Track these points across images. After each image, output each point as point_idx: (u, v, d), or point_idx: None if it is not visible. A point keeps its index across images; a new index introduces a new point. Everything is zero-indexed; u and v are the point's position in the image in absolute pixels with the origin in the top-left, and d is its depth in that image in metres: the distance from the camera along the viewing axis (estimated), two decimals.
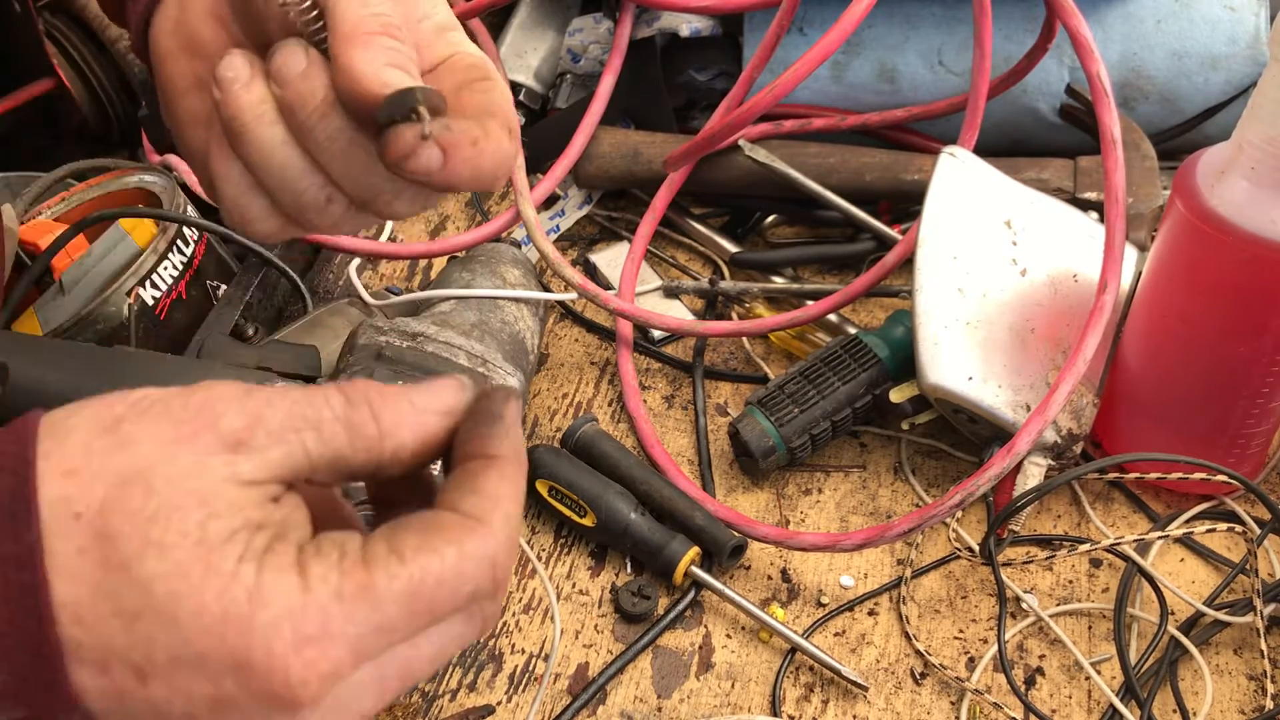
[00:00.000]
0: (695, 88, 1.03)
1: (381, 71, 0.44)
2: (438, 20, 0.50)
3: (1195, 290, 0.73)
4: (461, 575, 0.37)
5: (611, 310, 0.87)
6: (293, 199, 0.47)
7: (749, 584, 0.77)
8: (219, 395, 0.37)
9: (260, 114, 0.46)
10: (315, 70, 0.46)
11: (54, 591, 0.34)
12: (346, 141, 0.46)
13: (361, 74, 0.44)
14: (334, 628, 0.35)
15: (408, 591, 0.36)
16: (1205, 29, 0.96)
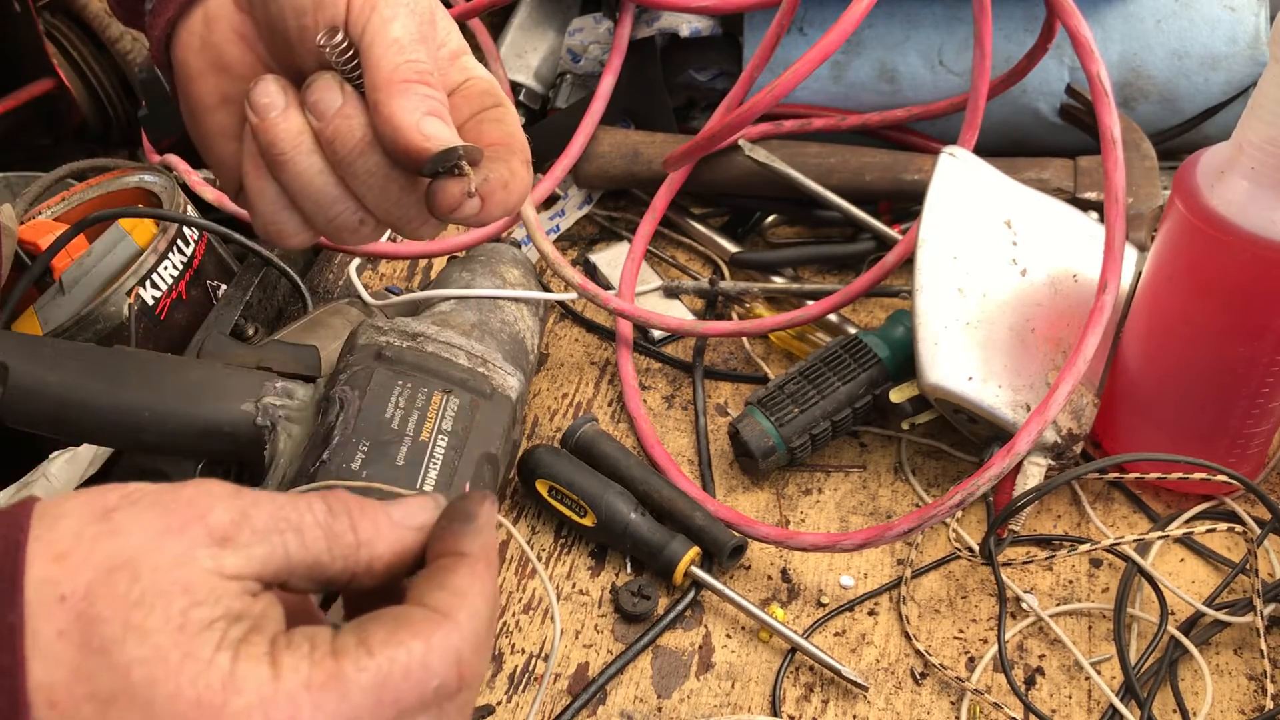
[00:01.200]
0: (695, 88, 1.03)
1: (422, 123, 0.48)
2: (451, 47, 0.53)
3: (1195, 290, 0.73)
4: (427, 669, 0.38)
5: (611, 310, 0.87)
6: (327, 221, 0.51)
7: (749, 584, 0.77)
8: (209, 491, 0.39)
9: (298, 144, 0.49)
10: (352, 108, 0.49)
11: (30, 674, 0.35)
12: (383, 177, 0.50)
13: (402, 124, 0.48)
14: (303, 716, 0.36)
15: (375, 683, 0.37)
16: (1205, 29, 0.96)
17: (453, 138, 0.48)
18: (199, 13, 0.53)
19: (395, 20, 0.49)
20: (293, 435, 0.70)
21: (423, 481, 0.66)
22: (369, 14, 0.49)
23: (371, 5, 0.49)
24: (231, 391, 0.69)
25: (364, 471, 0.65)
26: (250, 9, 0.52)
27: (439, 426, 0.69)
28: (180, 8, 0.53)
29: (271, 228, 0.52)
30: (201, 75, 0.53)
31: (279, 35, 0.51)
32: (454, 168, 0.49)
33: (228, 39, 0.53)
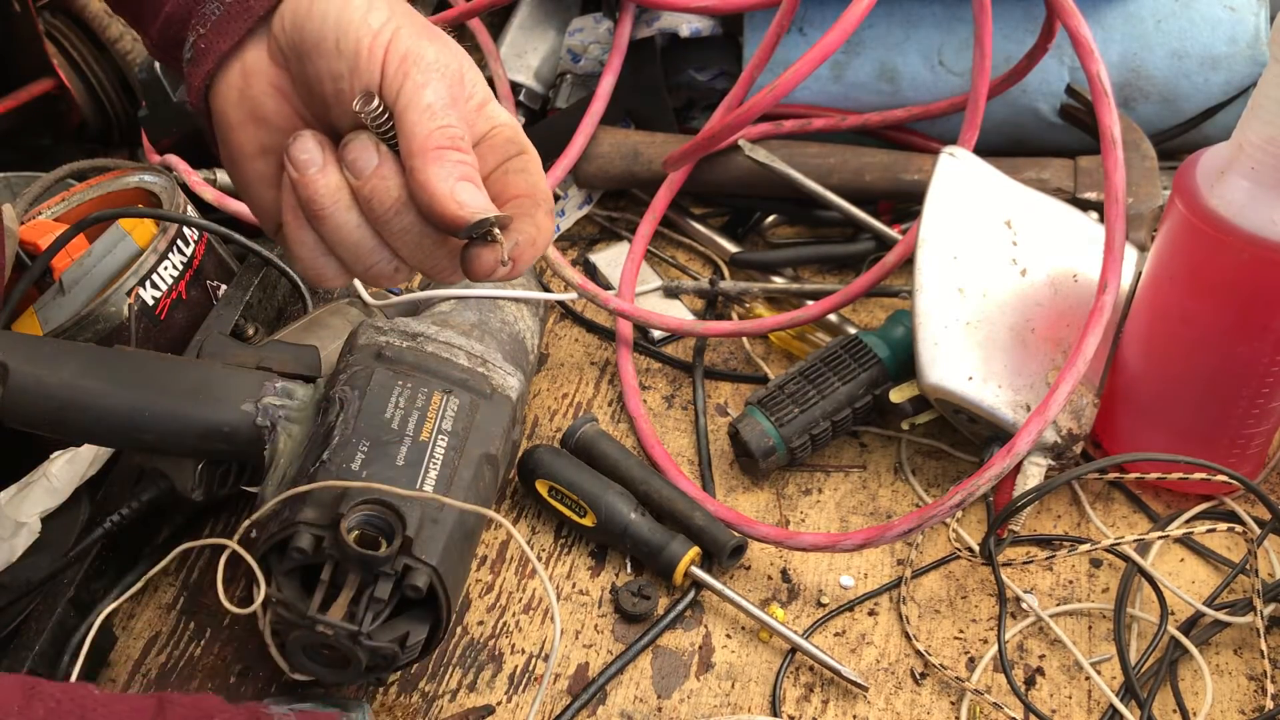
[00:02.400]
0: (695, 88, 1.03)
1: (456, 190, 0.51)
2: (478, 98, 0.56)
3: (1195, 290, 0.73)
4: None
5: (611, 310, 0.87)
6: (365, 269, 0.54)
7: (749, 584, 0.77)
8: None
9: (337, 200, 0.52)
10: (388, 169, 0.52)
11: None
12: (417, 233, 0.53)
13: (438, 192, 0.51)
14: None
15: None
16: (1205, 29, 0.96)
17: (486, 206, 0.52)
18: (237, 66, 0.55)
19: (428, 86, 0.52)
20: (293, 435, 0.70)
21: (423, 482, 0.66)
22: (402, 80, 0.52)
23: (404, 72, 0.52)
24: (231, 391, 0.69)
25: (364, 471, 0.65)
26: (287, 65, 0.55)
27: (439, 426, 0.69)
28: (219, 60, 0.55)
29: (311, 272, 0.55)
30: (241, 126, 0.56)
31: (315, 95, 0.54)
32: (486, 234, 0.52)
33: (265, 93, 0.55)
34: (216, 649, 0.73)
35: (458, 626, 0.74)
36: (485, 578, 0.77)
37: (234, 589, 0.74)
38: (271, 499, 0.66)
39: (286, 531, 0.63)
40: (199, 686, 0.71)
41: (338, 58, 0.53)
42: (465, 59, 0.55)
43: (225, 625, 0.74)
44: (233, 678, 0.72)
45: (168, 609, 0.75)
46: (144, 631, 0.74)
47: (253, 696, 0.71)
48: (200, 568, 0.77)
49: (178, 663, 0.72)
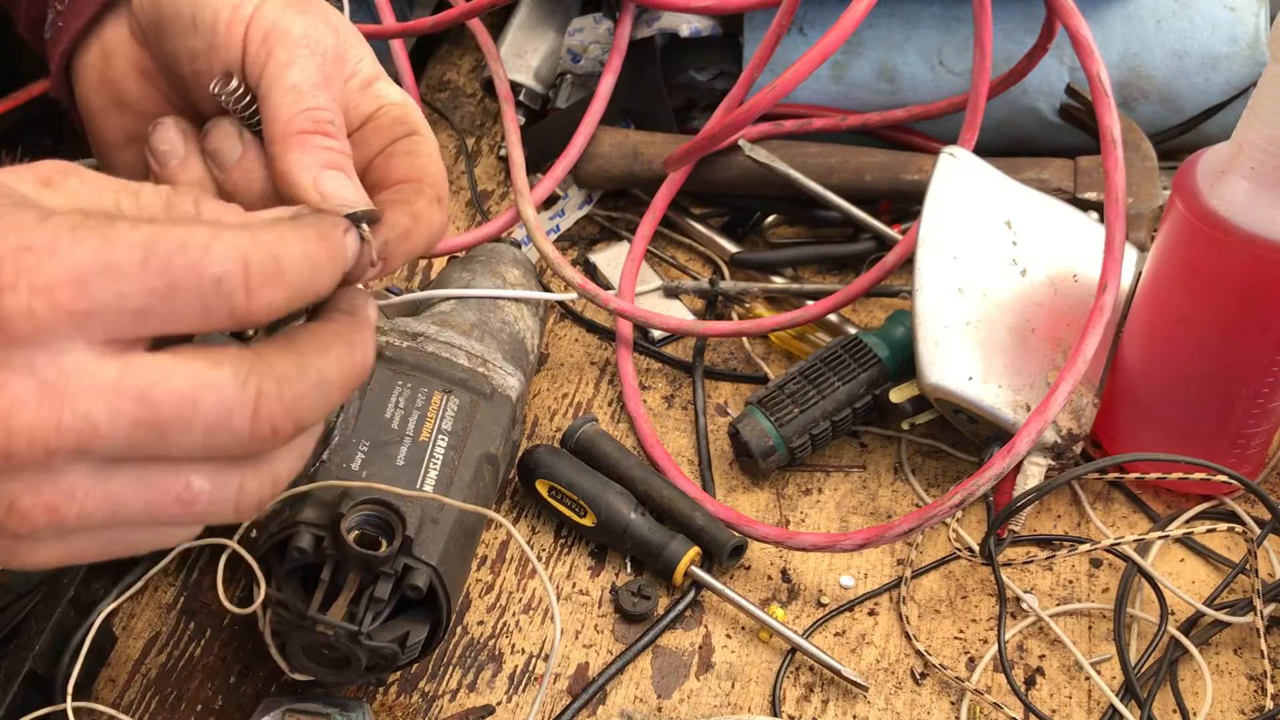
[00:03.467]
0: (695, 88, 1.03)
1: (319, 180, 0.45)
2: (363, 75, 0.51)
3: (1195, 290, 0.73)
4: (207, 251, 0.35)
5: (611, 310, 0.87)
6: None
7: (749, 584, 0.77)
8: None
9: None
10: (251, 160, 0.47)
11: None
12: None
13: (297, 182, 0.45)
14: (60, 247, 0.34)
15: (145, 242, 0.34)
16: (1205, 29, 0.96)
17: (355, 197, 0.46)
18: (96, 46, 0.51)
19: (293, 65, 0.47)
20: None
21: (423, 482, 0.66)
22: (265, 58, 0.47)
23: (268, 50, 0.47)
24: None
25: (364, 471, 0.65)
26: (147, 44, 0.50)
27: (439, 426, 0.69)
28: (74, 39, 0.51)
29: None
30: (103, 112, 0.52)
31: (176, 76, 0.50)
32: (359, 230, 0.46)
33: (127, 75, 0.51)
34: (216, 649, 0.73)
35: (458, 626, 0.74)
36: (485, 578, 0.77)
37: (234, 589, 0.74)
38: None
39: (286, 531, 0.63)
40: (199, 686, 0.71)
41: (194, 34, 0.48)
42: (348, 32, 0.50)
43: (225, 625, 0.74)
44: (233, 678, 0.72)
45: (168, 609, 0.75)
46: (144, 631, 0.74)
47: (253, 696, 0.71)
48: (200, 568, 0.77)
49: (178, 663, 0.72)
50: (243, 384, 0.37)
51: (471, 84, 1.12)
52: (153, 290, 0.35)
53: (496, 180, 1.04)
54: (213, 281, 0.35)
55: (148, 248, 0.35)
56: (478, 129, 1.08)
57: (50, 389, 0.34)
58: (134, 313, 0.35)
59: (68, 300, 0.34)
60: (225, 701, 0.71)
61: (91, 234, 0.34)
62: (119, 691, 0.71)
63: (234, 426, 0.37)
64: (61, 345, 0.34)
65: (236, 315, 0.37)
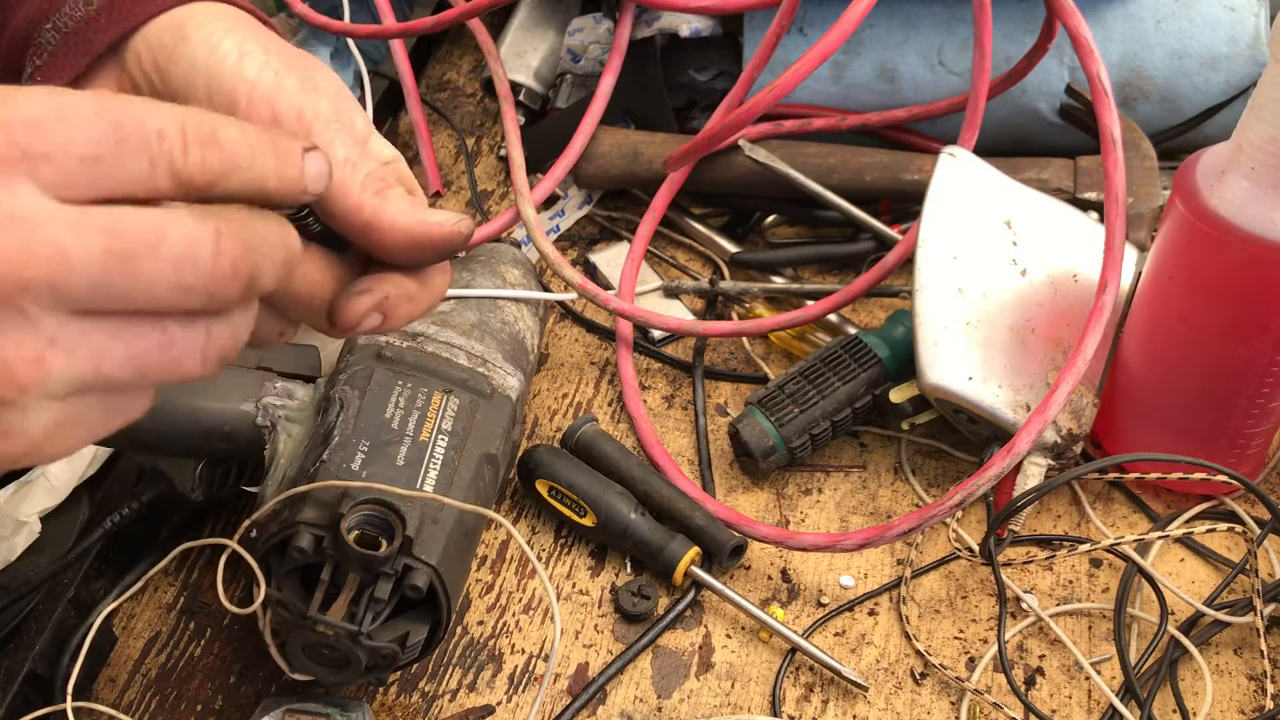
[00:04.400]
0: (695, 88, 1.03)
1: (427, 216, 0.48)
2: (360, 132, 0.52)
3: (1195, 290, 0.73)
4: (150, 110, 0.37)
5: (611, 310, 0.87)
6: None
7: (749, 584, 0.77)
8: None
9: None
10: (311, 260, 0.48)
11: None
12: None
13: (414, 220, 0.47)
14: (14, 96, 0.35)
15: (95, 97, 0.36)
16: (1205, 29, 0.96)
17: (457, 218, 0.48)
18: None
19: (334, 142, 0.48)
20: (293, 435, 0.70)
21: (423, 482, 0.66)
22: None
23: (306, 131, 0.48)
24: (231, 391, 0.69)
25: (364, 471, 0.65)
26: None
27: (439, 426, 0.69)
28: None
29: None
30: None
31: None
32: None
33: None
34: (216, 649, 0.73)
35: (458, 626, 0.74)
36: (485, 578, 0.77)
37: (234, 589, 0.74)
38: (271, 499, 0.66)
39: (286, 531, 0.63)
40: (199, 686, 0.71)
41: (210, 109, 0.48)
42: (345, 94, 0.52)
43: (225, 625, 0.74)
44: (233, 678, 0.72)
45: (168, 609, 0.75)
46: (144, 631, 0.74)
47: (253, 696, 0.71)
48: (200, 568, 0.77)
49: (178, 663, 0.72)
50: (201, 219, 0.38)
51: (471, 84, 1.12)
52: (102, 139, 0.36)
53: (496, 180, 1.04)
54: (155, 134, 0.37)
55: (98, 101, 0.36)
56: (478, 129, 1.08)
57: (16, 220, 0.35)
58: (83, 159, 0.36)
59: (23, 137, 0.35)
60: (225, 701, 0.71)
61: (44, 90, 0.36)
62: (119, 691, 0.71)
63: (199, 260, 0.38)
64: (20, 187, 0.35)
65: (176, 172, 0.38)
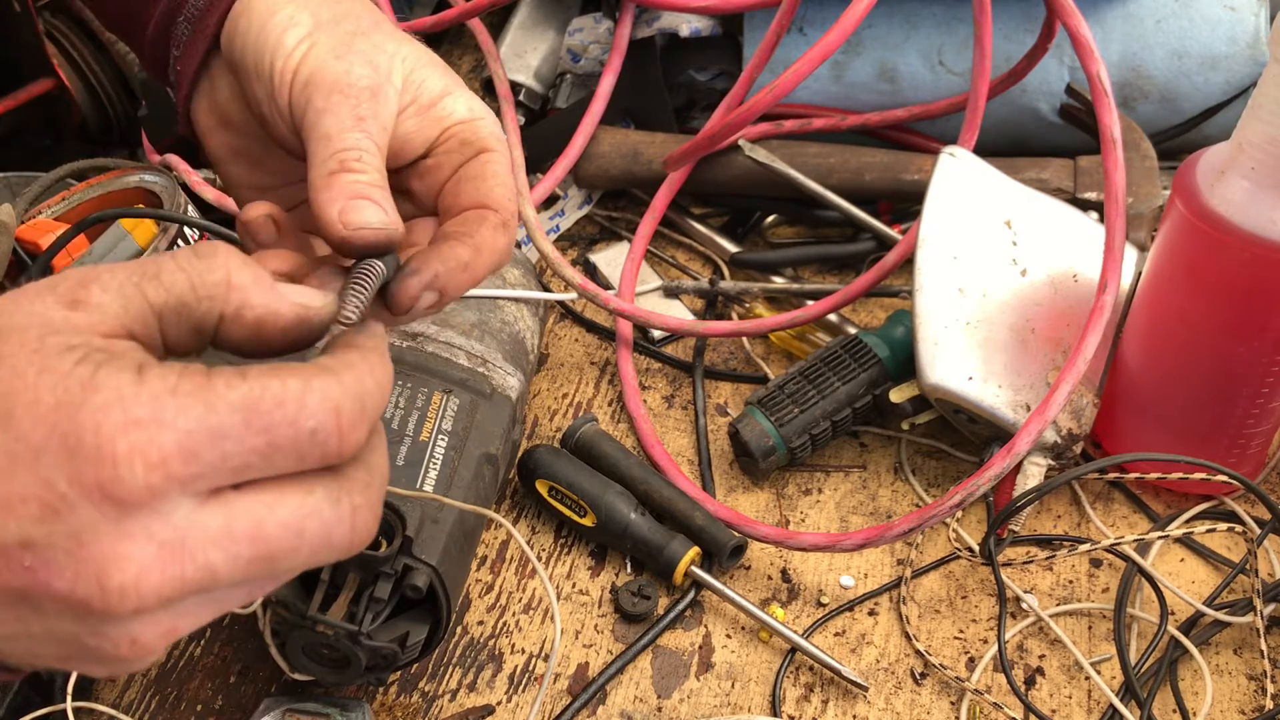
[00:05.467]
0: (695, 88, 1.03)
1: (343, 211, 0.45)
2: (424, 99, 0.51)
3: (1195, 290, 0.73)
4: (303, 405, 0.37)
5: (611, 310, 0.87)
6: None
7: (749, 584, 0.77)
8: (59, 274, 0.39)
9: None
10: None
11: None
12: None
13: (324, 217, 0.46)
14: (165, 416, 0.35)
15: (245, 402, 0.36)
16: (1205, 29, 0.96)
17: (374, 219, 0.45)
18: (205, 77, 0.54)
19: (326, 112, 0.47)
20: None
21: (422, 481, 0.66)
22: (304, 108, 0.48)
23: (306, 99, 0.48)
24: None
25: None
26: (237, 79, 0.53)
27: (439, 426, 0.69)
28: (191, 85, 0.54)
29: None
30: (211, 131, 0.55)
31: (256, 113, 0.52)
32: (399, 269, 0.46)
33: (228, 99, 0.54)
34: (216, 649, 0.73)
35: (458, 626, 0.74)
36: (485, 578, 0.77)
37: None
38: None
39: None
40: (199, 686, 0.71)
41: (258, 80, 0.50)
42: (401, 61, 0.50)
43: (225, 625, 0.74)
44: (233, 678, 0.72)
45: None
46: None
47: (253, 696, 0.71)
48: None
49: (178, 663, 0.72)
50: (336, 503, 0.39)
51: (471, 84, 1.12)
52: (254, 449, 0.37)
53: None
54: (308, 434, 0.37)
55: (247, 409, 0.36)
56: None
57: (170, 549, 0.36)
58: (235, 469, 0.37)
59: (180, 469, 0.35)
60: (225, 701, 0.71)
61: (193, 400, 0.36)
62: (119, 691, 0.71)
63: (335, 543, 0.39)
64: (171, 506, 0.36)
65: (329, 459, 0.38)
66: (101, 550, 0.35)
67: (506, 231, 0.50)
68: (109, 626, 0.36)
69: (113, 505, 0.35)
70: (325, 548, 0.39)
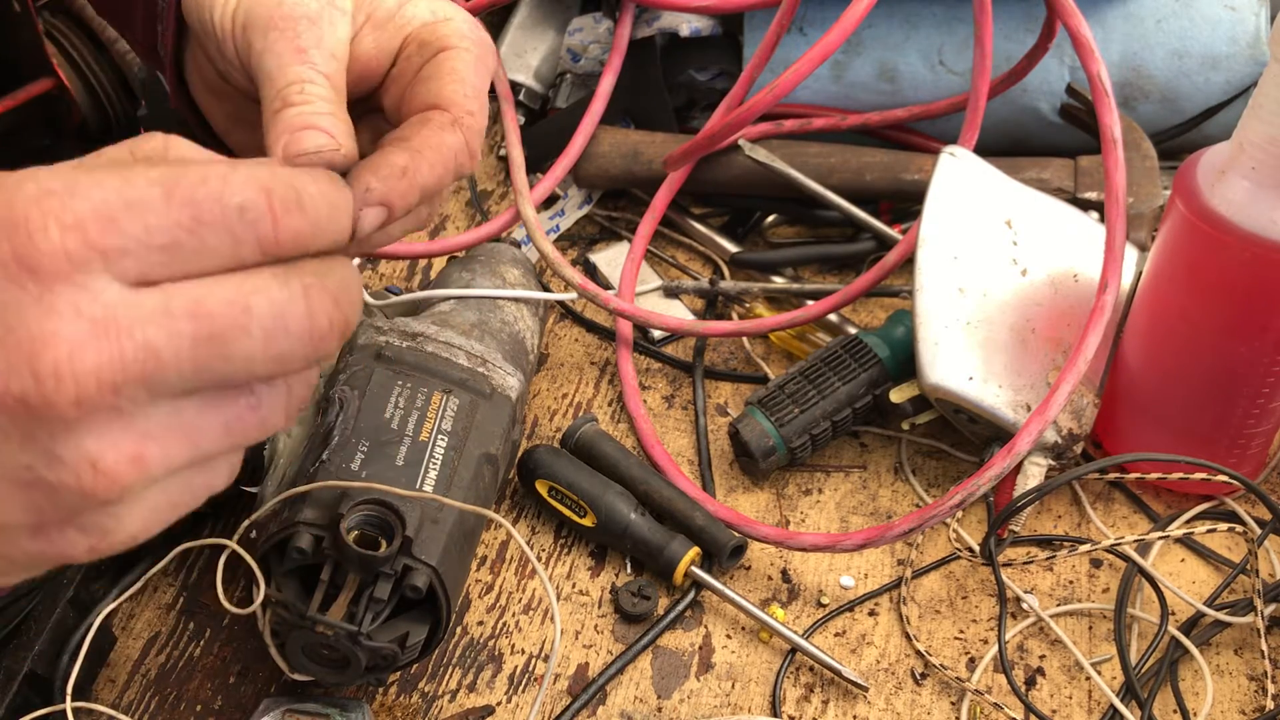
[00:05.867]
0: (695, 88, 1.03)
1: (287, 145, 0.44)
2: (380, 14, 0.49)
3: (1195, 290, 0.73)
4: (227, 182, 0.35)
5: (611, 310, 0.87)
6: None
7: (749, 584, 0.77)
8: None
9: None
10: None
11: None
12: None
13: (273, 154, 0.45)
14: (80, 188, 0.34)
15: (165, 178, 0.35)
16: (1206, 29, 0.96)
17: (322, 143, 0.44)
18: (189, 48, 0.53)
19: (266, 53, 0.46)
20: (292, 435, 0.70)
21: (422, 482, 0.66)
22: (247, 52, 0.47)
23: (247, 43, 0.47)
24: None
25: (363, 471, 0.65)
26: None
27: (439, 426, 0.69)
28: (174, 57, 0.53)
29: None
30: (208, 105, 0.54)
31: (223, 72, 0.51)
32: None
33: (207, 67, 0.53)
34: (216, 649, 0.73)
35: (457, 627, 0.74)
36: (485, 578, 0.77)
37: (234, 589, 0.74)
38: (271, 499, 0.66)
39: (286, 531, 0.63)
40: (199, 686, 0.71)
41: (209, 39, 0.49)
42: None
43: (225, 625, 0.74)
44: (232, 678, 0.72)
45: (167, 609, 0.75)
46: (144, 631, 0.74)
47: (253, 697, 0.71)
48: (200, 568, 0.77)
49: (177, 663, 0.72)
50: (284, 283, 0.36)
51: None
52: (178, 223, 0.34)
53: (496, 180, 1.04)
54: (236, 210, 0.35)
55: (168, 183, 0.35)
56: None
57: (102, 325, 0.33)
58: (163, 247, 0.34)
59: (99, 236, 0.33)
60: (225, 701, 0.71)
61: (109, 175, 0.34)
62: (118, 691, 0.71)
63: (291, 326, 0.36)
64: (99, 284, 0.34)
65: (265, 245, 0.36)
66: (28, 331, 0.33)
67: (456, 129, 0.46)
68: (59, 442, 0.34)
69: (32, 278, 0.33)
70: (281, 331, 0.36)
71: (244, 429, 0.38)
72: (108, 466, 0.34)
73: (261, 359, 0.36)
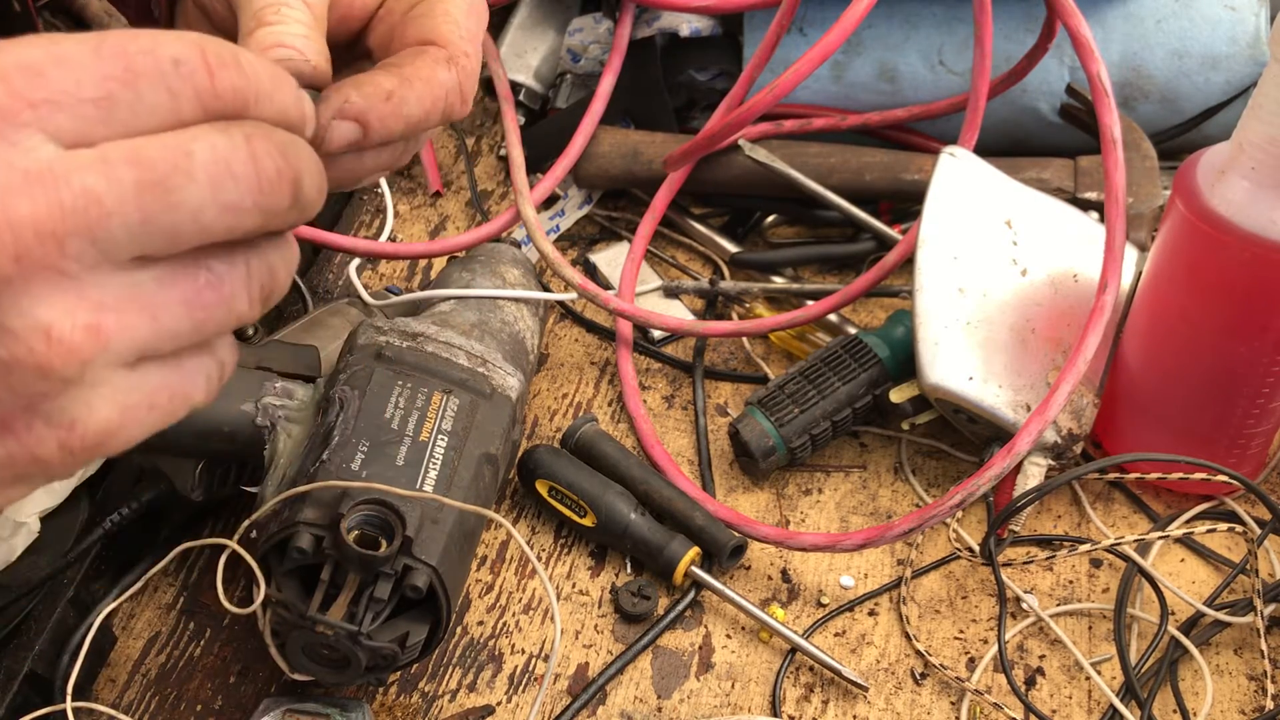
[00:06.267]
0: (695, 88, 1.03)
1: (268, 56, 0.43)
2: None
3: (1195, 290, 0.73)
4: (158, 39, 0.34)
5: (611, 310, 0.87)
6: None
7: (749, 584, 0.77)
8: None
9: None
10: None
11: None
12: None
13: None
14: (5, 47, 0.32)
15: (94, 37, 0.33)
16: (1206, 29, 0.96)
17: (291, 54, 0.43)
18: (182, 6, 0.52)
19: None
20: (292, 435, 0.70)
21: (422, 482, 0.66)
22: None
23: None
24: (231, 391, 0.69)
25: (364, 472, 0.65)
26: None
27: (439, 426, 0.69)
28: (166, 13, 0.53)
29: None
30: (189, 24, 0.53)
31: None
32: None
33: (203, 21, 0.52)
34: (216, 649, 0.73)
35: (458, 626, 0.74)
36: (485, 578, 0.77)
37: (234, 589, 0.74)
38: (271, 499, 0.66)
39: (286, 531, 0.63)
40: (199, 686, 0.71)
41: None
42: None
43: (225, 625, 0.74)
44: (233, 678, 0.72)
45: (167, 609, 0.75)
46: (144, 631, 0.74)
47: (253, 696, 0.71)
48: (200, 568, 0.77)
49: (177, 663, 0.72)
50: (225, 130, 0.35)
51: None
52: (110, 75, 0.33)
53: (496, 180, 1.04)
54: (170, 61, 0.34)
55: (97, 40, 0.34)
56: (477, 129, 1.08)
57: (37, 174, 0.32)
58: (96, 101, 0.33)
59: (25, 88, 0.32)
60: (225, 701, 0.71)
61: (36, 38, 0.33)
62: (119, 691, 0.71)
63: (236, 171, 0.35)
64: (31, 141, 0.32)
65: (204, 99, 0.35)
66: None
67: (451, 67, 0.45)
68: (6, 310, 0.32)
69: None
70: (226, 175, 0.34)
71: (206, 308, 0.36)
72: (63, 334, 0.32)
73: (211, 207, 0.34)
